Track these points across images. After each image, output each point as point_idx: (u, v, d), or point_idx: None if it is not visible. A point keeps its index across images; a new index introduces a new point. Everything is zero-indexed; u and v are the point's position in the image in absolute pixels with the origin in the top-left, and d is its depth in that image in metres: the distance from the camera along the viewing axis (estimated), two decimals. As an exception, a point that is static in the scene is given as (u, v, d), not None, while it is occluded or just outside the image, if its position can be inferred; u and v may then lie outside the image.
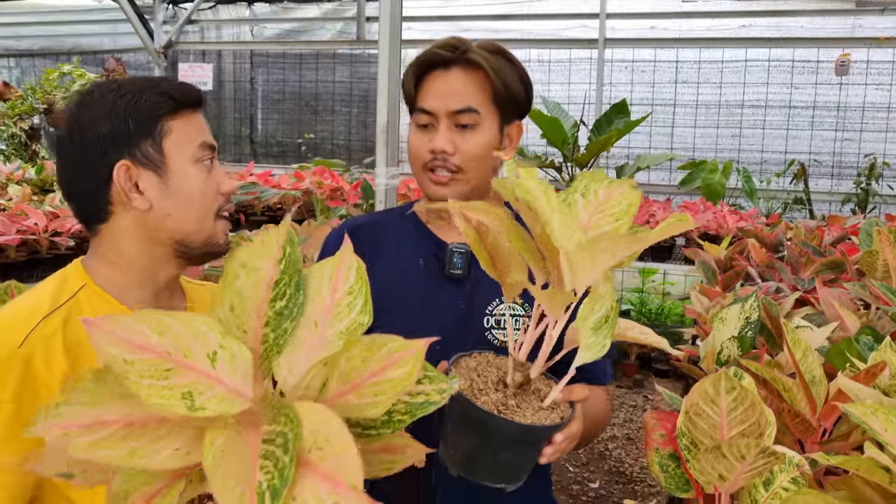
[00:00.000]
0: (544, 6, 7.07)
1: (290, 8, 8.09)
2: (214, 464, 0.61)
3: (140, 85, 1.15)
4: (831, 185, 6.42)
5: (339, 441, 0.64)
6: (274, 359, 0.73)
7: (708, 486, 1.12)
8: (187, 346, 0.66)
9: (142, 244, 1.16)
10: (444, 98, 1.36)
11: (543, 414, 0.96)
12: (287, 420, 0.64)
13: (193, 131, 1.16)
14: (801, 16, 6.53)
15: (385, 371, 0.71)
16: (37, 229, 3.87)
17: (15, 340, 1.03)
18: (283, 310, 0.72)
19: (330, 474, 0.63)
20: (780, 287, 2.73)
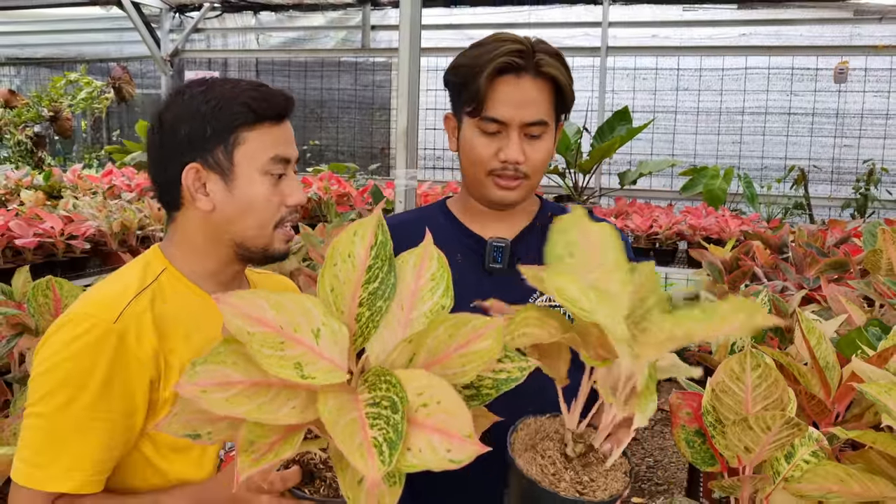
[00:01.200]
0: (547, 15, 7.15)
1: (295, 16, 8.17)
2: (332, 420, 0.69)
3: (227, 91, 1.20)
4: (831, 191, 6.50)
5: (445, 399, 0.72)
6: (370, 335, 0.80)
7: (732, 459, 1.19)
8: (297, 322, 0.74)
9: (206, 239, 1.24)
10: (517, 109, 1.36)
11: (612, 476, 0.97)
12: (390, 385, 0.72)
13: (268, 144, 1.20)
14: (800, 24, 6.61)
15: (470, 344, 0.77)
16: (53, 232, 3.93)
17: (110, 317, 1.11)
18: (376, 290, 0.80)
19: (440, 427, 0.71)
20: (785, 286, 2.80)
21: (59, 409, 1.07)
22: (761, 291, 1.95)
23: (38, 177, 6.33)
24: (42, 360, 1.10)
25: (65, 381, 1.07)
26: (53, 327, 1.12)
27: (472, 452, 0.70)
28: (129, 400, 1.12)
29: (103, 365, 1.09)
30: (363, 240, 0.81)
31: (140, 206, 4.84)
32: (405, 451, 0.70)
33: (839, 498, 1.11)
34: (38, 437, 1.08)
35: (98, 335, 1.09)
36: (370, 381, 0.75)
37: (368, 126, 8.60)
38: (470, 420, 0.72)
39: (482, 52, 1.37)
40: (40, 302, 1.76)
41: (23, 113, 7.98)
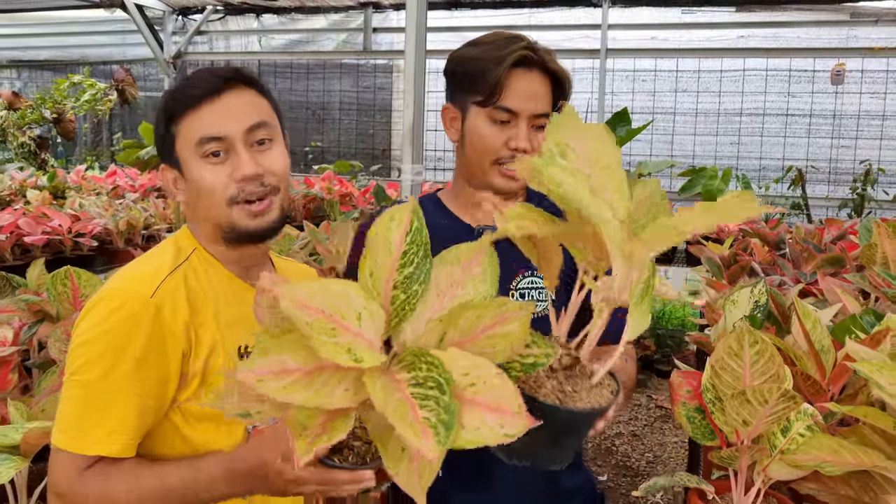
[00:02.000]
0: (547, 17, 7.22)
1: (297, 19, 8.23)
2: (383, 401, 0.73)
3: (167, 91, 1.28)
4: (828, 191, 6.55)
5: (491, 377, 0.76)
6: (406, 317, 0.84)
7: (731, 434, 1.25)
8: (342, 308, 0.78)
9: (197, 224, 1.30)
10: (529, 101, 1.43)
11: (596, 392, 1.00)
12: (431, 366, 0.76)
13: (196, 129, 1.21)
14: (798, 27, 6.67)
15: (497, 326, 0.81)
16: (61, 230, 3.99)
17: (147, 292, 1.16)
18: (412, 275, 0.84)
19: (491, 405, 0.75)
20: (783, 281, 2.86)
21: (101, 377, 1.12)
22: (758, 283, 2.00)
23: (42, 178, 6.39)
24: (82, 332, 1.15)
25: (105, 350, 1.12)
26: (92, 302, 1.17)
27: (524, 425, 0.75)
28: (164, 370, 1.16)
29: (141, 336, 1.13)
30: (399, 225, 0.85)
31: (145, 205, 4.90)
32: (460, 429, 0.73)
33: (833, 467, 1.16)
34: (79, 403, 1.12)
35: (136, 308, 1.14)
36: (407, 360, 0.78)
37: (369, 128, 8.66)
38: (518, 396, 0.76)
39: (493, 46, 1.44)
40: (59, 290, 1.81)
41: (26, 115, 8.04)
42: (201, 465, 1.12)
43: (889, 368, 1.21)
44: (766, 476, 1.22)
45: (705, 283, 2.92)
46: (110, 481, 1.10)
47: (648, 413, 4.82)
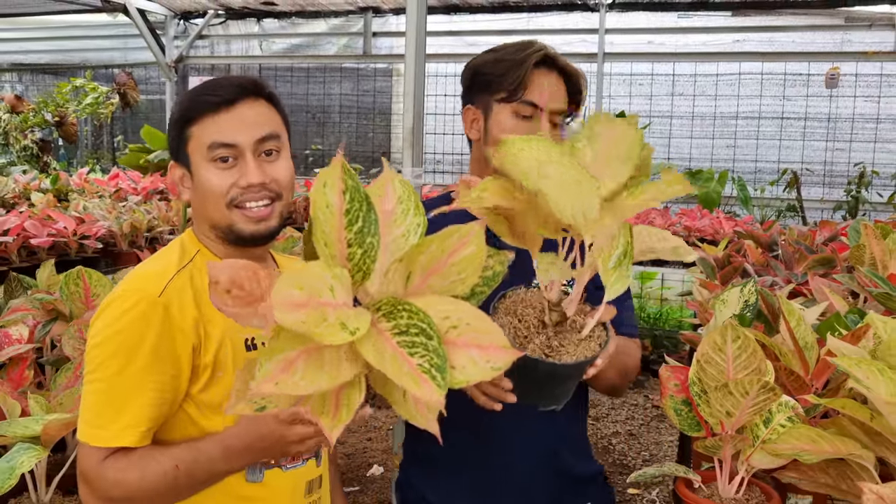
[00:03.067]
0: (546, 21, 7.28)
1: (297, 23, 8.30)
2: (379, 359, 0.77)
3: (185, 95, 1.37)
4: (823, 193, 6.61)
5: (472, 318, 0.80)
6: (371, 269, 0.86)
7: (716, 425, 1.31)
8: (317, 288, 0.79)
9: (201, 224, 1.37)
10: (551, 97, 1.54)
11: (584, 345, 1.08)
12: (410, 313, 0.79)
13: (209, 134, 1.29)
14: (793, 31, 6.74)
15: (458, 251, 0.85)
16: (66, 233, 4.04)
17: (156, 291, 1.23)
18: (361, 229, 0.85)
19: (475, 343, 0.79)
20: (775, 281, 2.92)
21: (116, 374, 1.19)
22: (748, 283, 2.06)
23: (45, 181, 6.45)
24: (97, 332, 1.22)
25: (118, 349, 1.19)
26: (105, 303, 1.24)
27: (510, 358, 0.78)
28: (175, 364, 1.23)
29: (152, 333, 1.20)
30: (334, 188, 0.85)
31: (148, 207, 4.96)
32: (451, 370, 0.76)
33: (810, 455, 1.23)
34: (98, 400, 1.20)
35: (145, 308, 1.21)
36: (384, 309, 0.81)
37: (369, 131, 8.73)
38: (500, 331, 0.80)
39: (514, 50, 1.57)
40: (72, 290, 1.88)
41: (28, 118, 8.10)
42: (200, 446, 1.20)
43: (867, 363, 1.27)
44: (749, 465, 1.29)
45: (698, 283, 2.98)
46: (125, 469, 1.18)
47: (645, 413, 4.89)
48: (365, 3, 7.63)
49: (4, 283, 2.26)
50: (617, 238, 1.00)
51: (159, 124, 8.39)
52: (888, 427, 1.21)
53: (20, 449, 1.19)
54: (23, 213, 4.18)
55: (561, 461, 1.61)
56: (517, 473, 1.58)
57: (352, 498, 3.59)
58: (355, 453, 4.14)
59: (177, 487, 1.19)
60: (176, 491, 1.20)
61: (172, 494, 1.21)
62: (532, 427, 1.55)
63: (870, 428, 1.27)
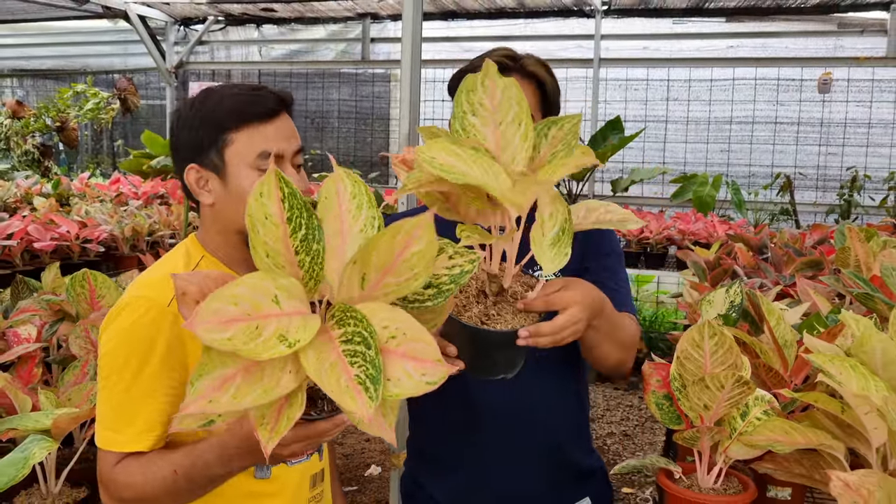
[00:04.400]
0: (542, 28, 7.35)
1: (297, 29, 8.37)
2: (317, 372, 0.76)
3: (217, 98, 1.34)
4: (816, 197, 6.68)
5: (410, 329, 0.80)
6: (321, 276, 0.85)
7: (696, 418, 1.37)
8: (257, 301, 0.79)
9: (220, 229, 1.37)
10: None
11: (522, 317, 1.12)
12: (357, 321, 0.78)
13: (256, 142, 1.30)
14: (786, 37, 6.83)
15: (408, 248, 0.84)
16: (69, 236, 4.11)
17: (164, 300, 1.24)
18: (306, 236, 0.84)
19: (411, 355, 0.79)
20: (763, 283, 2.98)
21: (129, 381, 1.22)
22: (734, 284, 2.12)
23: (46, 185, 6.51)
24: (108, 340, 1.25)
25: (130, 357, 1.22)
26: (115, 311, 1.26)
27: (444, 373, 0.78)
28: (185, 371, 1.25)
29: (162, 341, 1.22)
30: (271, 198, 0.84)
31: (149, 212, 5.02)
32: (386, 382, 0.76)
33: (783, 446, 1.29)
34: (113, 406, 1.23)
35: (154, 316, 1.23)
36: (337, 316, 0.81)
37: (367, 136, 8.80)
38: (436, 345, 0.79)
39: (476, 59, 1.56)
40: (78, 291, 1.94)
41: (30, 123, 8.16)
42: (196, 451, 1.20)
43: (840, 360, 1.33)
44: (726, 456, 1.35)
45: (689, 285, 3.04)
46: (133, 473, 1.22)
47: (640, 413, 4.95)
48: (363, 10, 7.70)
49: (11, 285, 2.32)
50: (554, 215, 1.04)
51: (159, 129, 8.45)
52: (858, 419, 1.27)
53: (32, 440, 1.24)
54: (26, 217, 4.24)
55: (563, 454, 1.64)
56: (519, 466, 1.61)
57: (350, 497, 3.64)
58: (353, 454, 4.20)
59: (178, 491, 1.21)
60: (178, 494, 1.22)
61: (177, 497, 1.22)
62: (534, 419, 1.59)
63: (841, 420, 1.34)
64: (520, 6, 7.05)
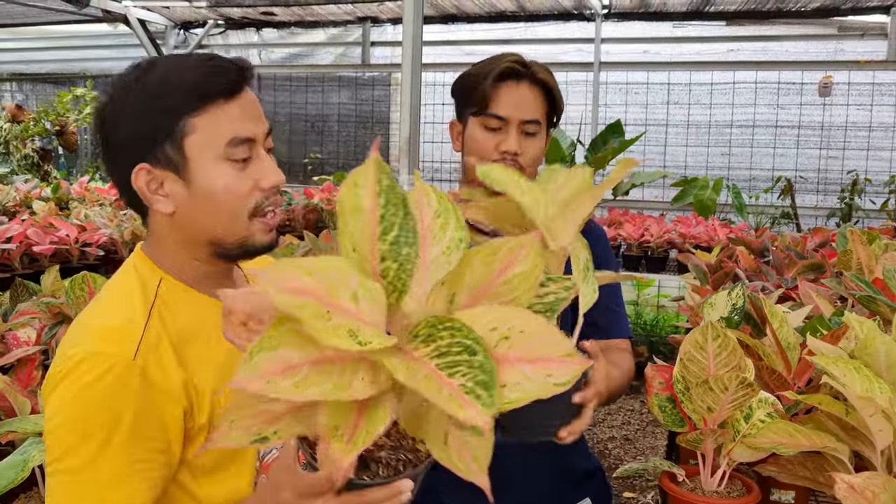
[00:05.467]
0: (542, 31, 7.36)
1: (296, 33, 8.37)
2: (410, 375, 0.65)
3: (165, 74, 1.04)
4: (817, 201, 6.69)
5: (528, 325, 0.69)
6: (406, 287, 0.73)
7: (699, 421, 1.36)
8: (333, 286, 0.68)
9: (181, 241, 1.10)
10: (515, 108, 1.56)
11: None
12: (453, 331, 0.67)
13: (223, 126, 1.04)
14: (786, 40, 6.83)
15: (509, 268, 0.74)
16: (68, 240, 4.09)
17: (128, 354, 0.99)
18: (397, 239, 0.72)
19: (530, 356, 0.68)
20: (765, 286, 2.98)
21: (92, 461, 0.95)
22: (736, 287, 2.12)
23: (46, 189, 6.50)
24: (57, 410, 0.97)
25: (90, 429, 0.95)
26: (60, 371, 0.98)
27: (578, 369, 0.67)
28: (163, 434, 1.01)
29: (130, 405, 0.97)
30: (366, 189, 0.72)
31: (149, 215, 5.01)
32: (501, 389, 0.65)
33: (787, 449, 1.28)
34: (72, 495, 0.96)
35: (118, 374, 0.97)
36: (423, 334, 0.69)
37: (368, 139, 8.81)
38: (564, 338, 0.68)
39: (486, 63, 1.60)
40: (77, 294, 1.93)
41: (29, 127, 8.16)
42: None
43: (844, 362, 1.33)
44: (730, 458, 1.34)
45: (691, 288, 3.04)
46: None
47: (641, 418, 4.93)
48: (363, 13, 7.71)
49: (10, 288, 2.32)
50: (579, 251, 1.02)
51: (159, 133, 8.45)
52: (862, 422, 1.26)
53: (32, 443, 1.23)
54: (25, 221, 4.24)
55: (566, 462, 1.65)
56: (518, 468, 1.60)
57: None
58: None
59: None
60: None
61: None
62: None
63: (846, 423, 1.33)
64: (520, 10, 7.06)
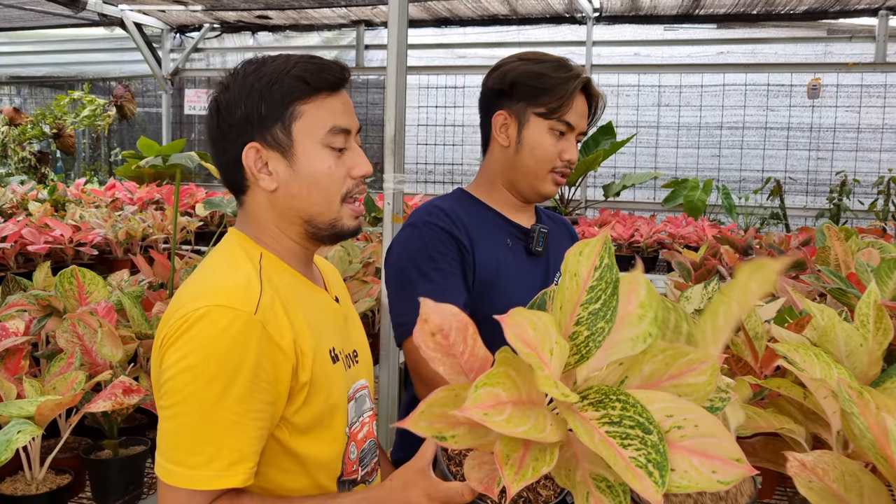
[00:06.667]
0: (534, 34, 7.41)
1: (291, 36, 8.43)
2: (589, 440, 0.70)
3: (279, 66, 1.16)
4: (806, 202, 6.74)
5: (702, 421, 0.72)
6: (590, 354, 0.79)
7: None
8: (543, 340, 0.76)
9: (277, 219, 1.21)
10: (581, 119, 1.66)
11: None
12: (626, 405, 0.72)
13: (326, 115, 1.16)
14: (776, 43, 6.89)
15: (683, 375, 0.78)
16: (62, 240, 4.14)
17: (250, 308, 1.07)
18: (597, 311, 0.79)
19: (699, 450, 0.71)
20: (747, 283, 3.03)
21: (213, 406, 1.02)
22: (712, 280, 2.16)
23: (42, 191, 6.55)
24: (181, 357, 1.04)
25: (214, 376, 1.03)
26: (186, 321, 1.05)
27: (738, 475, 0.70)
28: (273, 388, 1.08)
29: (251, 357, 1.05)
30: (587, 259, 0.81)
31: (144, 216, 5.06)
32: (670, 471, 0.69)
33: (745, 430, 1.33)
34: (191, 435, 1.03)
35: (241, 327, 1.05)
36: (593, 398, 0.74)
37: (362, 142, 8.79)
38: (735, 443, 0.71)
39: (557, 67, 1.66)
40: (66, 288, 1.98)
41: (27, 130, 8.21)
42: (345, 499, 1.07)
43: (804, 348, 1.38)
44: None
45: (672, 285, 3.09)
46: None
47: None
48: (357, 17, 7.76)
49: (2, 283, 2.37)
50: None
51: (156, 136, 8.51)
52: (818, 405, 1.31)
53: (15, 425, 1.28)
54: (21, 221, 4.28)
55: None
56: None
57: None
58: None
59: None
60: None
61: None
62: None
63: (805, 407, 1.38)
64: (512, 13, 7.11)
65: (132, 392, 1.47)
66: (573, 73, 1.65)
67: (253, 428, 1.05)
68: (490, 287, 1.66)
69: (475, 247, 1.65)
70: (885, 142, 6.59)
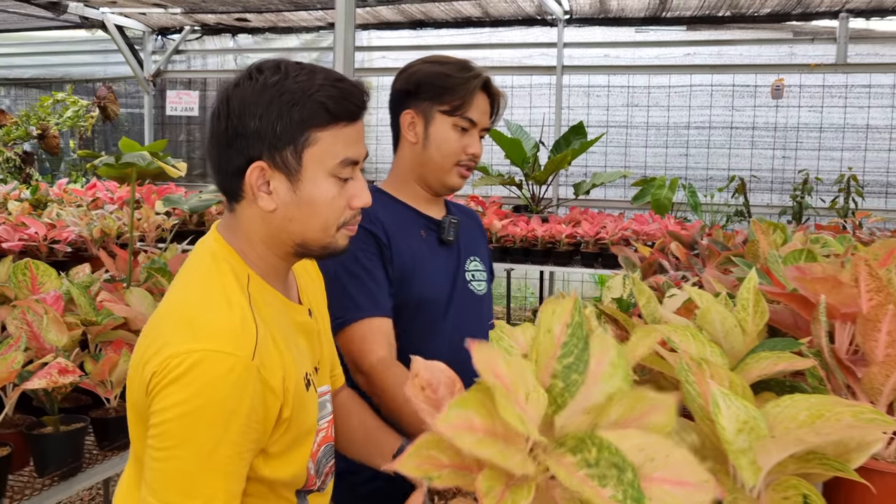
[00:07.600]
0: (507, 36, 7.55)
1: (271, 38, 8.55)
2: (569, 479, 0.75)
3: (302, 86, 1.12)
4: (771, 199, 6.89)
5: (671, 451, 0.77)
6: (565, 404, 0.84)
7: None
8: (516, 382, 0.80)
9: (266, 238, 1.19)
10: (483, 115, 1.79)
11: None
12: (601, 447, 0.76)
13: (340, 146, 1.14)
14: (741, 45, 7.03)
15: (646, 416, 0.83)
16: (37, 237, 4.25)
17: (247, 353, 1.06)
18: (570, 365, 0.84)
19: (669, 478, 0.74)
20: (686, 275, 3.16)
21: (210, 452, 1.04)
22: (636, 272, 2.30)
23: (25, 191, 6.65)
24: (178, 403, 1.03)
25: (212, 423, 1.03)
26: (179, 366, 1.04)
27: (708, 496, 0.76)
28: (262, 427, 1.10)
29: (247, 402, 1.05)
30: (559, 318, 0.86)
31: (120, 214, 5.18)
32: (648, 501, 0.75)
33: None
34: (186, 479, 1.04)
35: (240, 373, 1.05)
36: (570, 444, 0.78)
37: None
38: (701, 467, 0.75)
39: (459, 68, 1.79)
40: (20, 278, 2.11)
41: (11, 131, 8.30)
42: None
43: (682, 329, 1.51)
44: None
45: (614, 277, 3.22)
46: None
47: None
48: (333, 20, 7.87)
49: (-36, 276, 2.48)
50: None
51: (139, 136, 8.63)
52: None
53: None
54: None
55: None
56: None
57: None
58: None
59: None
60: None
61: None
62: None
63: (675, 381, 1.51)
64: (485, 16, 7.24)
65: (67, 373, 1.59)
66: (474, 73, 1.78)
67: (242, 467, 1.08)
68: (408, 276, 1.80)
69: (392, 240, 1.79)
70: (847, 141, 6.74)
